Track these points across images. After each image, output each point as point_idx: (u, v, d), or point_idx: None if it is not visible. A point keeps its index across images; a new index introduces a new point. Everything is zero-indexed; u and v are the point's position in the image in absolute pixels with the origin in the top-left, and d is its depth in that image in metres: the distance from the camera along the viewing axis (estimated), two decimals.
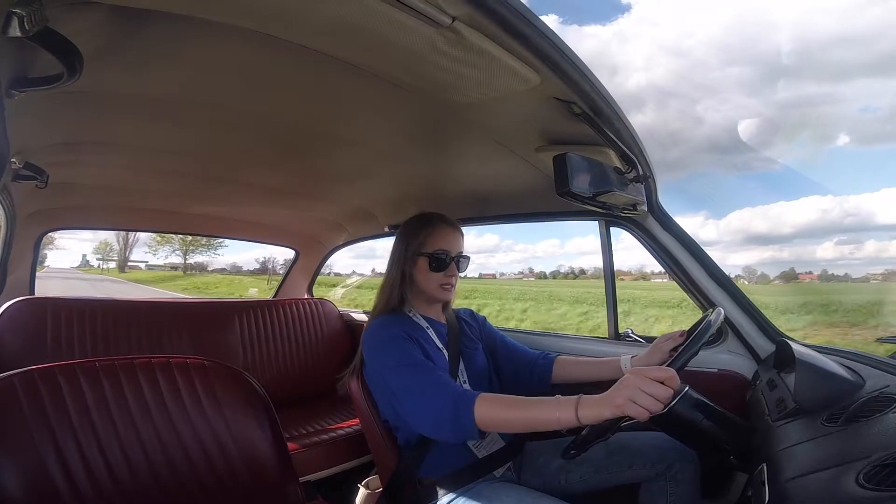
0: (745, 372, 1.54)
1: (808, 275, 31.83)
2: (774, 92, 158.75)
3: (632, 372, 0.94)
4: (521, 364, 1.51)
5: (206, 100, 1.21)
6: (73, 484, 0.95)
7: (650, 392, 0.89)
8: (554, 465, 1.38)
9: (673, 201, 34.32)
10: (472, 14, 0.75)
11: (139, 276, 43.85)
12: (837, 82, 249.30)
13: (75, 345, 2.04)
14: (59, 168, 1.57)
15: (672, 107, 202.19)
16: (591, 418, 0.95)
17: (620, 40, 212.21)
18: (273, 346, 2.62)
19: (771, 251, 41.35)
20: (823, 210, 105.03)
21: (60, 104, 1.17)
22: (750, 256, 43.30)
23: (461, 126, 1.29)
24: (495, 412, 1.06)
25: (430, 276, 1.38)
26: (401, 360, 1.20)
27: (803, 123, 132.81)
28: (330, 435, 2.07)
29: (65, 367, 1.03)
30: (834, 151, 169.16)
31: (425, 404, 1.12)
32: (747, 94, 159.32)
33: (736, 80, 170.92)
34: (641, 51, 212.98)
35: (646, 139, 1.18)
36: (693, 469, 1.29)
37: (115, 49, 0.93)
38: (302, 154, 1.62)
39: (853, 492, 0.61)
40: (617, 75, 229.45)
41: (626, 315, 13.65)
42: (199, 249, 45.84)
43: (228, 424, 1.15)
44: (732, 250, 49.49)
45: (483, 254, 78.93)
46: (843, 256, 59.36)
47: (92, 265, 53.02)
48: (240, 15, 0.81)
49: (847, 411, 0.87)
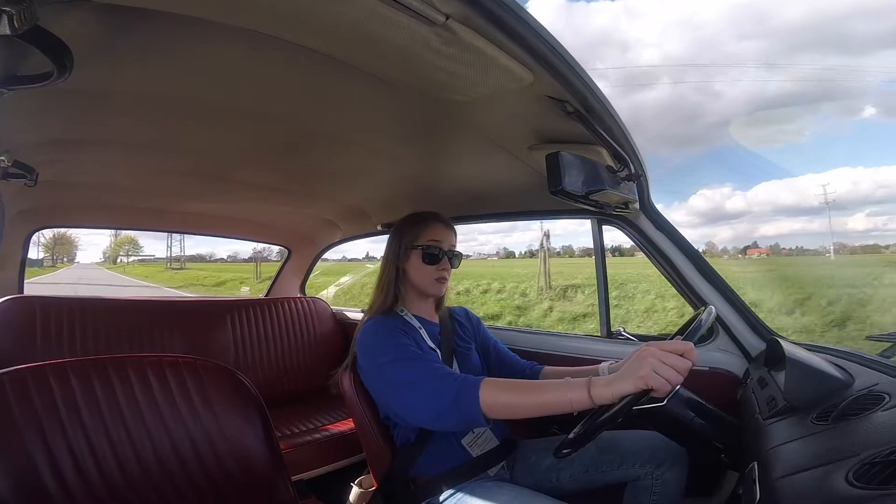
0: (736, 370, 1.55)
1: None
2: (793, 65, 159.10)
3: (649, 344, 0.93)
4: (510, 372, 1.51)
5: (198, 98, 1.20)
6: (63, 483, 0.94)
7: (671, 363, 0.87)
8: (545, 463, 1.39)
9: (696, 175, 34.13)
10: (465, 12, 0.74)
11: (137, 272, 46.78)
12: (859, 55, 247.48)
13: (65, 343, 2.02)
14: (49, 166, 1.56)
15: (689, 81, 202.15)
16: (607, 396, 0.92)
17: (631, 16, 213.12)
18: (265, 345, 2.62)
19: (801, 222, 41.64)
20: (854, 182, 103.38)
21: (50, 102, 1.16)
22: (780, 227, 43.74)
23: (455, 124, 1.29)
24: (501, 396, 1.04)
25: (423, 268, 1.38)
26: (398, 354, 1.20)
27: (826, 96, 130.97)
28: (322, 434, 2.07)
29: (55, 365, 1.02)
30: (860, 124, 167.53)
31: (427, 393, 1.11)
32: (766, 68, 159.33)
33: (753, 53, 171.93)
34: (654, 26, 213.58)
35: (664, 114, 1.18)
36: (681, 468, 1.30)
37: (105, 47, 0.92)
38: (295, 152, 1.61)
39: (843, 490, 0.61)
40: (629, 51, 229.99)
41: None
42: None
43: (220, 423, 1.14)
44: (762, 220, 49.95)
45: (500, 234, 79.08)
46: (875, 227, 59.13)
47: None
48: (232, 13, 0.80)
49: (837, 409, 0.88)
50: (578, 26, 69.37)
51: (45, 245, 68.16)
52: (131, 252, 68.39)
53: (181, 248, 57.72)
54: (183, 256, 56.70)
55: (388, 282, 1.40)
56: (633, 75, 42.54)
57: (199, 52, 0.97)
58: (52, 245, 69.16)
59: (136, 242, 67.90)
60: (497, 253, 50.60)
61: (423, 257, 1.38)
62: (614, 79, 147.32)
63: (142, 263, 61.28)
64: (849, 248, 29.08)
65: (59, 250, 72.35)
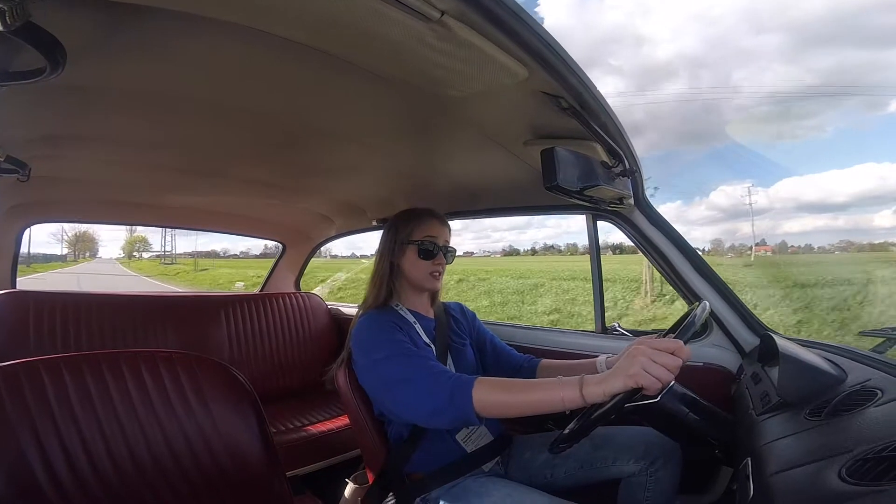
0: (730, 366, 1.56)
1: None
2: (813, 59, 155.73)
3: (640, 342, 0.92)
4: (506, 367, 1.51)
5: (191, 94, 1.19)
6: (56, 479, 0.93)
7: (661, 362, 0.87)
8: (540, 459, 1.39)
9: (713, 171, 33.59)
10: (460, 8, 0.74)
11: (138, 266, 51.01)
12: (881, 48, 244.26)
13: (58, 339, 2.02)
14: (42, 162, 1.55)
15: (705, 76, 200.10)
16: (598, 395, 0.92)
17: (644, 11, 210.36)
18: (260, 341, 2.62)
19: (824, 219, 40.89)
20: (881, 178, 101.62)
21: (43, 98, 1.15)
22: (803, 224, 43.04)
23: (449, 120, 1.28)
24: (494, 395, 1.04)
25: (418, 263, 1.39)
26: (392, 350, 1.20)
27: (848, 90, 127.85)
28: (317, 429, 2.07)
29: (48, 361, 1.01)
30: (885, 118, 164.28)
31: (421, 391, 1.11)
32: (785, 62, 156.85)
33: (771, 47, 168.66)
34: (669, 21, 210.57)
35: (678, 109, 1.18)
36: (675, 464, 1.30)
37: (98, 43, 0.92)
38: (290, 148, 1.60)
39: (836, 486, 0.61)
40: (643, 46, 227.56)
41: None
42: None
43: (214, 419, 1.14)
44: (785, 217, 49.08)
45: (515, 231, 78.76)
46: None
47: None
48: (225, 9, 0.80)
49: (830, 405, 0.88)
50: (591, 22, 68.64)
51: (69, 241, 74.51)
52: (142, 249, 76.14)
53: (173, 246, 63.49)
54: (174, 253, 62.19)
55: (383, 276, 1.40)
56: (648, 70, 41.81)
57: (193, 48, 0.96)
58: (75, 241, 74.83)
59: (147, 240, 75.21)
60: (503, 250, 50.56)
61: (419, 252, 1.38)
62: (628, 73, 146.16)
63: (149, 260, 67.93)
64: (856, 246, 28.80)
65: (81, 246, 77.33)
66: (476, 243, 60.63)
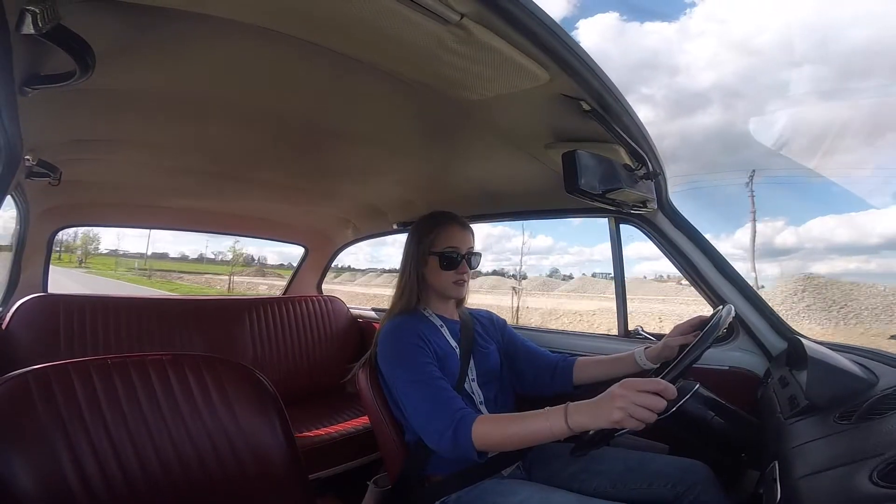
0: (757, 369, 1.53)
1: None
2: (854, 92, 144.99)
3: (622, 385, 0.93)
4: (542, 368, 1.50)
5: (217, 97, 1.22)
6: (86, 481, 0.95)
7: (645, 404, 0.88)
8: (568, 471, 1.35)
9: (745, 205, 29.32)
10: (480, 11, 0.75)
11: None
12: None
13: (87, 341, 2.05)
14: (72, 165, 1.59)
15: (740, 108, 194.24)
16: (584, 425, 0.95)
17: (683, 38, 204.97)
18: (283, 343, 2.63)
19: (856, 262, 38.91)
20: None
21: (73, 101, 1.18)
22: (833, 266, 41.25)
23: (470, 123, 1.29)
24: (492, 433, 1.08)
25: (441, 274, 1.40)
26: (411, 375, 1.22)
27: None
28: (340, 432, 2.08)
29: (78, 364, 1.03)
30: None
31: (429, 423, 1.16)
32: (822, 96, 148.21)
33: (809, 78, 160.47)
34: (706, 49, 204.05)
35: (712, 139, 1.16)
36: (715, 491, 1.23)
37: (127, 46, 0.94)
38: (313, 151, 1.63)
39: (867, 489, 0.60)
40: (679, 74, 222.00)
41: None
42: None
43: (238, 421, 1.15)
44: (814, 258, 47.20)
45: (536, 255, 77.56)
46: None
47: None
48: (252, 12, 0.81)
49: (860, 409, 0.86)
50: (628, 46, 67.35)
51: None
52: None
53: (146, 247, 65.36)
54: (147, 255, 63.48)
55: (410, 285, 1.42)
56: (680, 99, 40.36)
57: (220, 51, 0.98)
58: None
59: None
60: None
61: (442, 263, 1.39)
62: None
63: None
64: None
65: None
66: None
